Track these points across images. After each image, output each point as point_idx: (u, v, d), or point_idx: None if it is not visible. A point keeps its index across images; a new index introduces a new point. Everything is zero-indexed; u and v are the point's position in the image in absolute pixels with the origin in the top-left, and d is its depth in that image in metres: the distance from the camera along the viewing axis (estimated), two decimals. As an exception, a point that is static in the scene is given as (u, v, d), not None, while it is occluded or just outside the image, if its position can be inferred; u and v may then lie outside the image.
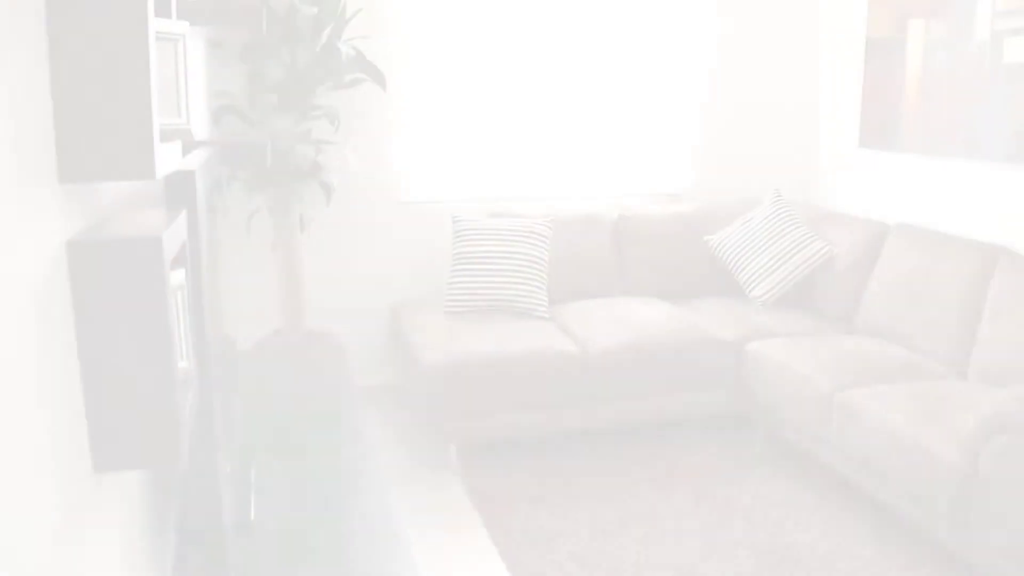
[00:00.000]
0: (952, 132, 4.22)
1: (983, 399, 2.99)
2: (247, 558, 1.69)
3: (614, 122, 5.05)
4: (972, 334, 3.70)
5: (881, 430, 3.20)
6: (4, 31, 0.93)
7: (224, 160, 2.10)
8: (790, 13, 5.25)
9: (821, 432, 3.57)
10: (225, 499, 1.53)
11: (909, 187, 4.61)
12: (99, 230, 1.13)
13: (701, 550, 3.23)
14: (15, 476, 0.91)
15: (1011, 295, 3.50)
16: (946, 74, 4.23)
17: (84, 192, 1.21)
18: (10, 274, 0.92)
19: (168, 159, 1.17)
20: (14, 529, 0.89)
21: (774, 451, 4.12)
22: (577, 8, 4.84)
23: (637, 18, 4.97)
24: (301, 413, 2.41)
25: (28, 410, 0.96)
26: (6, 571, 0.85)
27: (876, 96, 4.75)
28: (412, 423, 4.47)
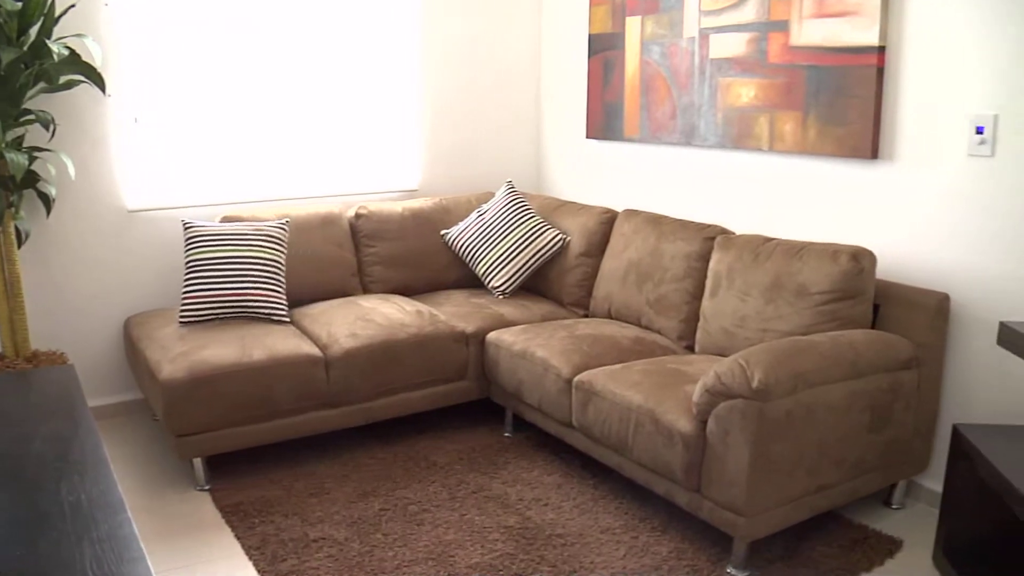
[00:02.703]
0: (669, 122, 4.53)
1: (708, 369, 3.22)
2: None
3: (345, 120, 5.03)
4: (696, 310, 3.98)
5: (619, 407, 3.39)
6: None
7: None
8: (515, 9, 5.42)
9: (564, 414, 3.74)
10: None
11: (634, 175, 4.90)
12: None
13: (458, 538, 3.30)
14: None
15: (726, 271, 3.79)
16: (662, 68, 4.53)
17: None
18: None
19: None
20: None
21: (522, 436, 4.27)
22: (302, 6, 4.78)
23: (365, 15, 4.97)
24: (28, 443, 2.25)
25: None
26: None
27: (600, 89, 5.01)
28: (154, 441, 4.27)
